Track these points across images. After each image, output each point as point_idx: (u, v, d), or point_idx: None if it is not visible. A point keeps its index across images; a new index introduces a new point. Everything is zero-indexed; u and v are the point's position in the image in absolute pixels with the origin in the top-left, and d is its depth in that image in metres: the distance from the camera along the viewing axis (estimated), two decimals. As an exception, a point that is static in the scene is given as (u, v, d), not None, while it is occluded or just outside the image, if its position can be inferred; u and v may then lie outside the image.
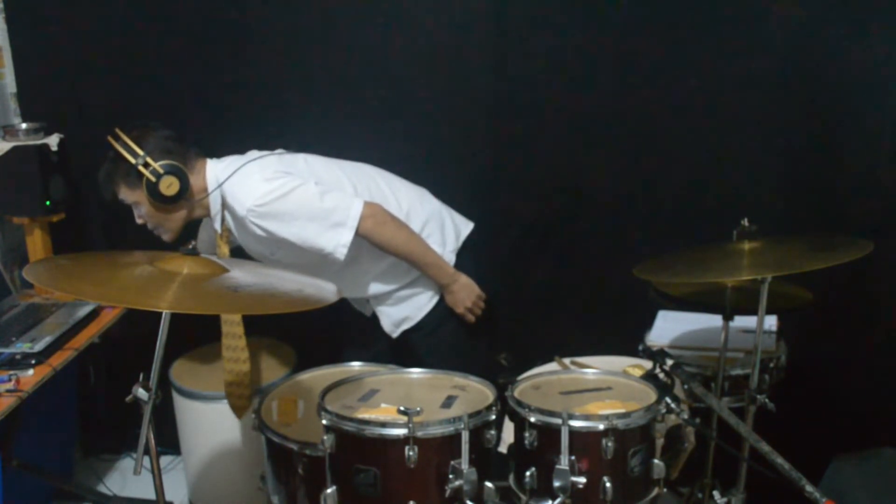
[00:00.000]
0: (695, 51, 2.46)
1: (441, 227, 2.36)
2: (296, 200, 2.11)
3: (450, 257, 2.35)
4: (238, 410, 2.37)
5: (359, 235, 2.15)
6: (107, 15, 2.68)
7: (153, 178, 2.13)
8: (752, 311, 1.91)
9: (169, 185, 2.14)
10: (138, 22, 2.68)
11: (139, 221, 2.25)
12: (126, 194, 2.20)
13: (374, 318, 2.42)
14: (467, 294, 2.34)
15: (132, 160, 2.14)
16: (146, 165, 2.13)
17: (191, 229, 2.42)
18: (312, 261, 2.18)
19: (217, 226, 2.24)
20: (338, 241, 2.13)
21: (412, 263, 2.27)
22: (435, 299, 2.35)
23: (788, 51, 2.42)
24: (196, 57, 2.69)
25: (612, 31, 2.49)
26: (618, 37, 2.50)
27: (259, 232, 2.12)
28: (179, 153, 2.18)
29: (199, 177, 2.21)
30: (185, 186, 2.16)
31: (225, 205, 2.20)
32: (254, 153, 2.27)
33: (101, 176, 2.22)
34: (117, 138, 2.18)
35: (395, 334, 2.39)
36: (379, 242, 2.20)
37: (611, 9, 2.48)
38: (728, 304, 2.10)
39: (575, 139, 2.62)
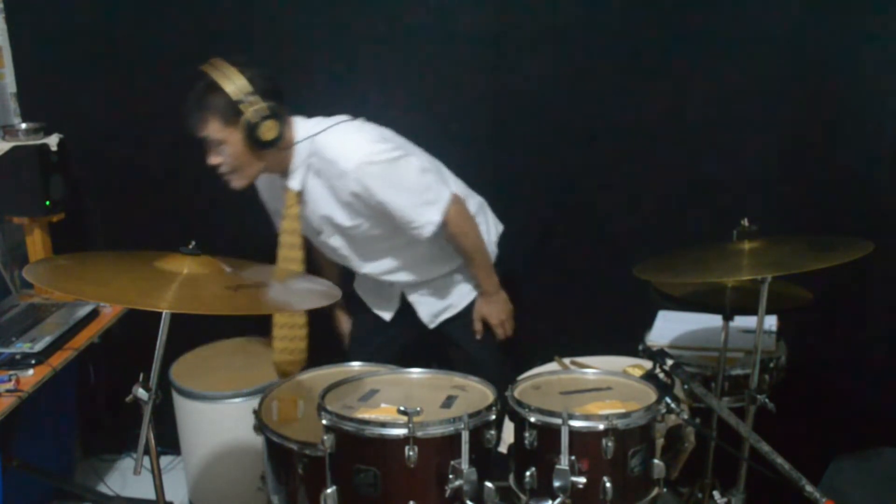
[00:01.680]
0: (695, 51, 2.47)
1: (486, 224, 2.37)
2: (400, 167, 2.11)
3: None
4: (283, 368, 2.32)
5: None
6: (107, 15, 2.69)
7: (255, 119, 2.02)
8: (752, 311, 1.91)
9: (269, 130, 2.03)
10: (138, 22, 2.68)
11: (214, 161, 2.10)
12: (214, 130, 2.04)
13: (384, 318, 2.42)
14: (504, 307, 2.37)
15: (236, 96, 2.01)
16: (250, 104, 2.02)
17: (190, 228, 2.42)
18: (380, 235, 2.18)
19: (295, 183, 2.15)
20: (428, 219, 2.14)
21: (470, 261, 2.28)
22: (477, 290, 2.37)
23: (788, 51, 2.42)
24: (196, 57, 2.68)
25: (612, 33, 2.50)
26: (618, 38, 2.50)
27: (355, 188, 2.06)
28: (280, 98, 2.07)
29: (288, 127, 2.11)
30: (282, 133, 2.07)
31: (309, 163, 2.13)
32: (342, 116, 2.20)
33: (191, 104, 2.05)
34: (217, 68, 2.04)
35: (433, 324, 2.39)
36: (454, 233, 2.20)
37: (611, 10, 2.48)
38: (728, 304, 2.10)
39: (575, 139, 2.62)
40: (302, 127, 2.14)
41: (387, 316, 2.44)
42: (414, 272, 2.32)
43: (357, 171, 2.05)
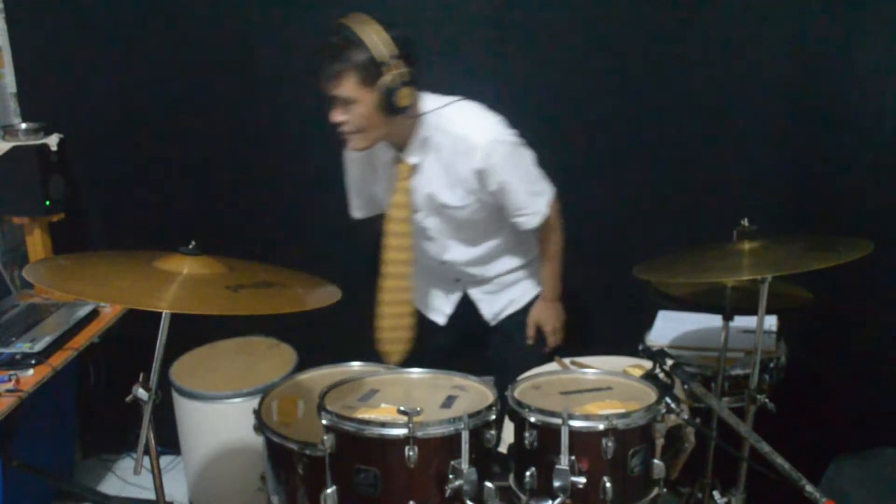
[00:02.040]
0: (695, 51, 2.47)
1: None
2: (522, 153, 2.14)
3: None
4: (392, 356, 2.30)
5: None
6: (107, 15, 2.69)
7: (394, 84, 1.95)
8: (752, 311, 1.91)
9: (405, 96, 1.98)
10: (138, 22, 2.68)
11: (338, 119, 2.02)
12: (349, 88, 1.96)
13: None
14: (560, 316, 2.37)
15: (381, 57, 1.93)
16: (393, 67, 1.95)
17: (190, 228, 2.42)
18: (478, 221, 2.19)
19: (412, 156, 2.12)
20: (538, 208, 2.18)
21: (549, 262, 2.30)
22: (539, 287, 2.37)
23: (788, 51, 2.42)
24: (196, 56, 2.69)
25: (612, 33, 2.50)
26: (618, 38, 2.50)
27: (481, 165, 2.05)
28: (417, 65, 2.01)
29: (419, 97, 2.07)
30: (415, 101, 2.03)
31: (428, 137, 2.09)
32: (456, 97, 2.16)
33: (329, 57, 1.95)
34: (362, 23, 1.95)
35: (494, 321, 2.39)
36: (549, 229, 2.25)
37: (611, 9, 2.48)
38: (728, 304, 2.10)
39: (575, 139, 2.62)
40: (427, 98, 2.09)
41: (441, 319, 2.41)
42: (490, 265, 2.32)
43: (488, 147, 2.05)
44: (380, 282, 2.25)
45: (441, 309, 2.41)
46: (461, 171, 2.10)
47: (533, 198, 2.17)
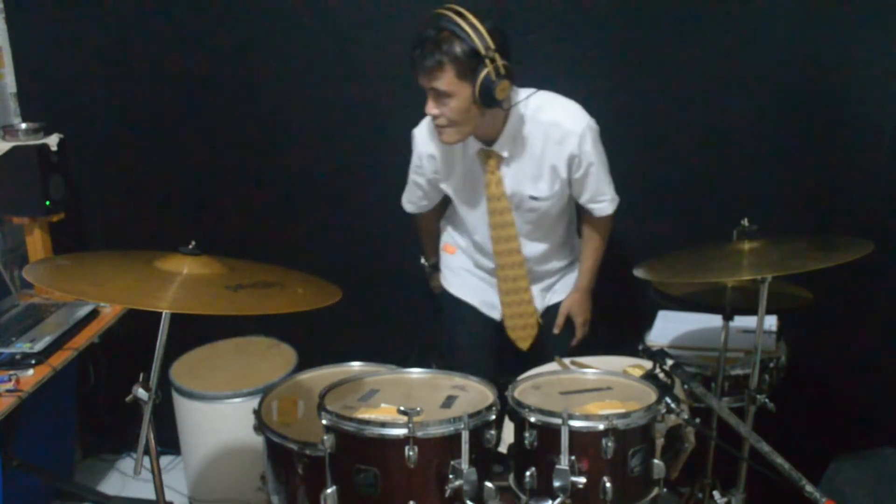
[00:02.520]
0: (695, 51, 2.46)
1: None
2: (601, 141, 2.19)
3: None
4: (523, 342, 2.36)
5: None
6: (107, 15, 2.68)
7: (493, 77, 1.93)
8: (752, 311, 1.91)
9: (503, 90, 1.96)
10: (138, 22, 2.68)
11: (433, 112, 2.01)
12: (445, 80, 1.94)
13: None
14: (590, 308, 2.39)
15: (481, 51, 1.91)
16: (492, 61, 1.93)
17: (190, 228, 2.42)
18: (554, 213, 2.24)
19: (504, 149, 2.12)
20: (613, 194, 2.26)
21: (596, 254, 2.34)
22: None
23: (788, 50, 2.42)
24: (196, 56, 2.69)
25: (612, 32, 2.50)
26: (618, 37, 2.50)
27: (574, 150, 2.11)
28: (511, 59, 2.00)
29: (514, 90, 2.07)
30: (509, 94, 2.01)
31: (518, 129, 2.11)
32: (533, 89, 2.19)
33: (427, 49, 1.93)
34: (460, 15, 1.93)
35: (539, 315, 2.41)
36: (607, 222, 2.31)
37: (609, 8, 2.48)
38: (728, 304, 2.10)
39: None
40: (516, 90, 2.09)
41: (497, 314, 2.40)
42: (547, 263, 2.35)
43: (583, 133, 2.10)
44: (497, 273, 2.31)
45: (497, 305, 2.40)
46: (552, 158, 2.12)
47: (610, 185, 2.25)
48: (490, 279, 2.38)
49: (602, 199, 2.25)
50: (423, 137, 2.24)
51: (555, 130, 2.10)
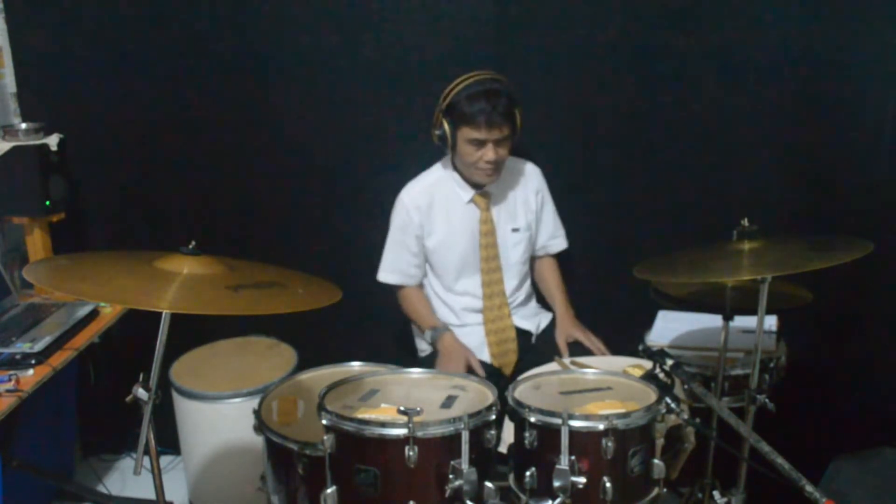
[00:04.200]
0: (695, 51, 2.47)
1: None
2: None
3: None
4: (505, 368, 2.43)
5: None
6: (107, 15, 2.68)
7: (519, 125, 2.29)
8: (752, 311, 1.91)
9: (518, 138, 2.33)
10: (138, 22, 2.68)
11: (490, 157, 2.24)
12: (506, 130, 2.23)
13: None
14: (581, 326, 2.47)
15: (519, 103, 2.27)
16: (519, 112, 2.28)
17: (191, 228, 2.41)
18: (527, 247, 2.46)
19: (493, 188, 2.38)
20: (563, 232, 2.57)
21: (561, 287, 2.56)
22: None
23: (789, 51, 2.42)
24: (196, 56, 2.69)
25: (613, 32, 2.50)
26: (619, 37, 2.50)
27: (538, 186, 2.45)
28: None
29: None
30: None
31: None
32: None
33: (500, 98, 2.21)
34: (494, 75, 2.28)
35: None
36: (557, 260, 2.59)
37: (612, 11, 2.48)
38: (728, 304, 2.10)
39: (575, 139, 2.62)
40: None
41: (486, 357, 2.44)
42: (520, 293, 2.49)
43: (538, 171, 2.48)
44: (484, 305, 2.43)
45: (481, 348, 2.44)
46: (522, 194, 2.43)
47: (559, 222, 2.54)
48: (467, 322, 2.45)
49: (559, 235, 2.55)
50: (411, 196, 2.39)
51: (519, 169, 2.45)
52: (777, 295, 1.97)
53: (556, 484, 1.59)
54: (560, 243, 2.55)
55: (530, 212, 2.44)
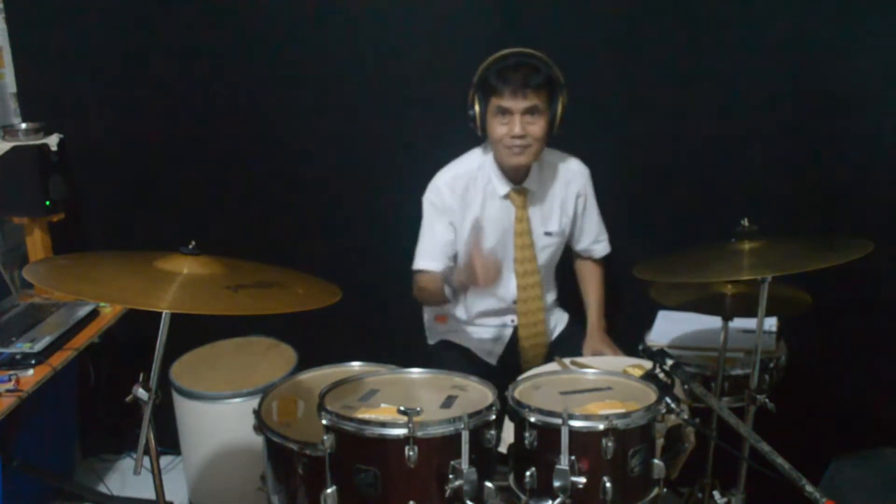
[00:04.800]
0: (695, 51, 2.47)
1: None
2: None
3: None
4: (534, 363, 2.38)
5: None
6: (107, 15, 2.69)
7: (562, 110, 2.16)
8: (751, 315, 1.90)
9: (560, 125, 2.18)
10: (138, 22, 2.68)
11: (517, 131, 2.11)
12: (540, 98, 2.10)
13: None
14: (610, 342, 2.42)
15: (561, 81, 2.15)
16: (565, 93, 2.16)
17: (190, 228, 2.41)
18: (555, 252, 2.37)
19: (533, 185, 2.27)
20: (606, 235, 2.46)
21: (601, 292, 2.49)
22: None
23: (789, 51, 2.42)
24: (196, 56, 2.69)
25: (613, 31, 2.50)
26: (620, 37, 2.50)
27: (580, 190, 2.33)
28: None
29: None
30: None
31: (541, 168, 2.29)
32: None
33: (527, 66, 2.09)
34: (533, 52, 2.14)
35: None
36: (602, 262, 2.50)
37: (612, 11, 2.48)
38: (728, 303, 2.10)
39: (574, 139, 2.61)
40: None
41: (494, 360, 2.43)
42: (545, 298, 2.39)
43: (585, 172, 2.34)
44: (518, 308, 2.35)
45: (494, 350, 2.43)
46: (561, 196, 2.30)
47: (603, 226, 2.44)
48: (489, 326, 2.40)
49: (602, 239, 2.44)
50: (445, 180, 2.27)
51: (565, 170, 2.31)
52: (776, 300, 1.96)
53: (556, 484, 1.59)
54: (603, 248, 2.44)
55: (566, 216, 2.33)
